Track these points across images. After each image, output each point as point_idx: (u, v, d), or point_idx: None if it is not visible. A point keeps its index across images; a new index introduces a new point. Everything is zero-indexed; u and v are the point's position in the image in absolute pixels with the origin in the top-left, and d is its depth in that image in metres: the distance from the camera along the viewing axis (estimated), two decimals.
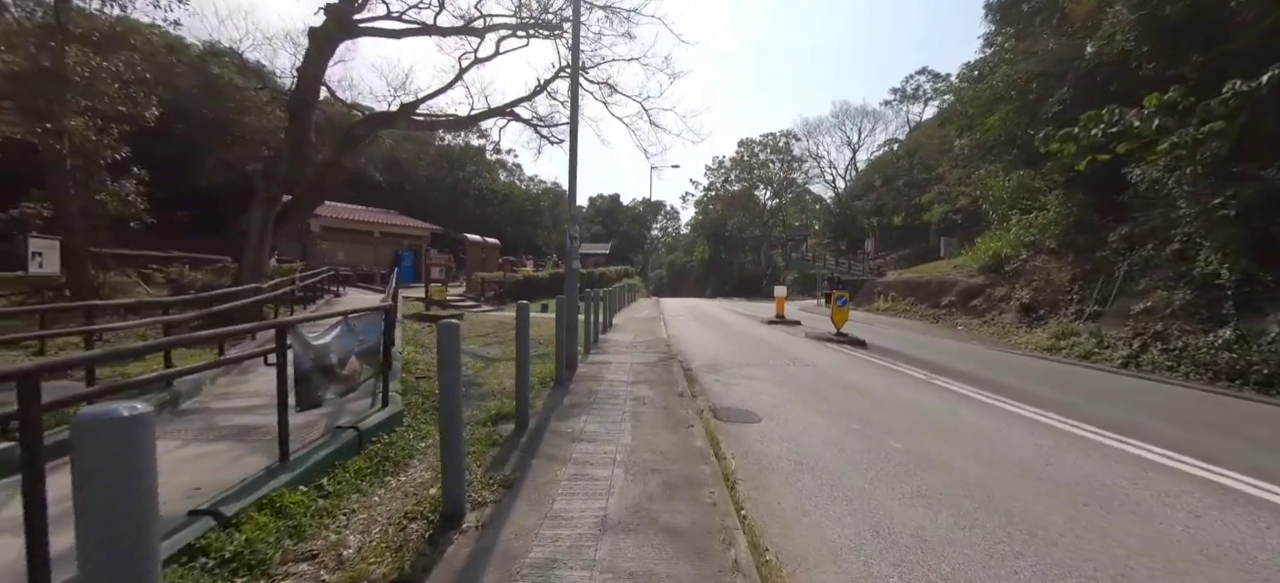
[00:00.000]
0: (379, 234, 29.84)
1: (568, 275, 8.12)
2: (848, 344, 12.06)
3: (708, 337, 13.70)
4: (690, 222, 70.63)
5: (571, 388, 6.77)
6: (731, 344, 12.21)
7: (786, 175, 56.44)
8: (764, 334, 14.38)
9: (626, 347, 10.81)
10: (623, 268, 42.12)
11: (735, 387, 7.53)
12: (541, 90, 17.31)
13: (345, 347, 3.94)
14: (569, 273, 8.09)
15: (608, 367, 8.40)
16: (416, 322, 14.69)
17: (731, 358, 10.15)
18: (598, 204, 74.70)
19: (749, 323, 17.76)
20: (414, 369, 7.83)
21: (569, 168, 8.08)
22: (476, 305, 21.23)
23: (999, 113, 17.50)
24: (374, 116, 14.81)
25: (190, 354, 7.06)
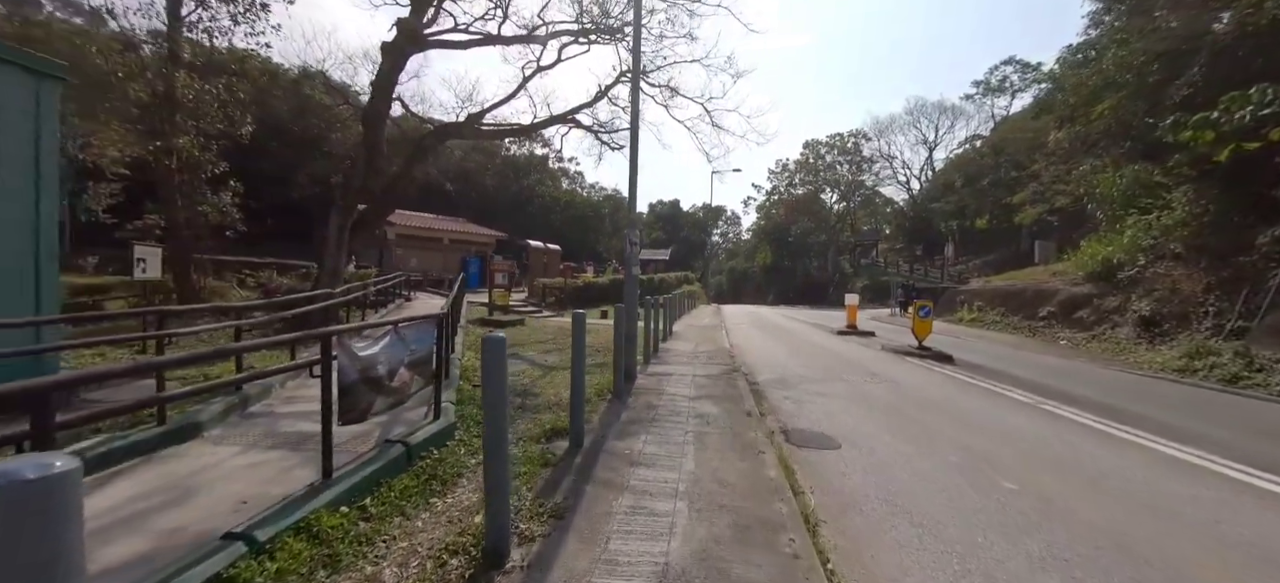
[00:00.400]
0: (448, 241, 31.09)
1: (627, 282, 7.78)
2: (932, 359, 10.95)
3: (773, 347, 12.95)
4: (751, 227, 69.02)
5: (630, 402, 6.39)
6: (800, 356, 11.42)
7: (855, 177, 53.88)
8: (835, 346, 13.42)
9: (687, 357, 10.33)
10: (682, 274, 41.59)
11: (808, 405, 6.87)
12: (602, 96, 17.23)
13: (395, 357, 3.77)
14: (629, 279, 7.75)
15: (668, 379, 7.97)
16: (480, 327, 14.93)
17: (801, 372, 9.42)
18: (657, 210, 74.64)
19: (817, 333, 16.73)
20: (472, 377, 7.74)
21: (629, 171, 7.76)
22: (537, 311, 21.47)
23: (1108, 100, 15.54)
24: (443, 127, 15.25)
25: (268, 357, 7.32)
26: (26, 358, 4.92)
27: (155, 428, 4.28)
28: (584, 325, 4.93)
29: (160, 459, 4.04)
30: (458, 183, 41.02)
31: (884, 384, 8.35)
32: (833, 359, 11.02)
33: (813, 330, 17.52)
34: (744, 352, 11.92)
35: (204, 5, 13.34)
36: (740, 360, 10.41)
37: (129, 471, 3.80)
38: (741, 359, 10.61)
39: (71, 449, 3.82)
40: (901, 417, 6.34)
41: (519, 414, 5.90)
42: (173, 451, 4.20)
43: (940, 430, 5.77)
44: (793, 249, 57.25)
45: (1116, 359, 11.94)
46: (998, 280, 23.61)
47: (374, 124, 11.27)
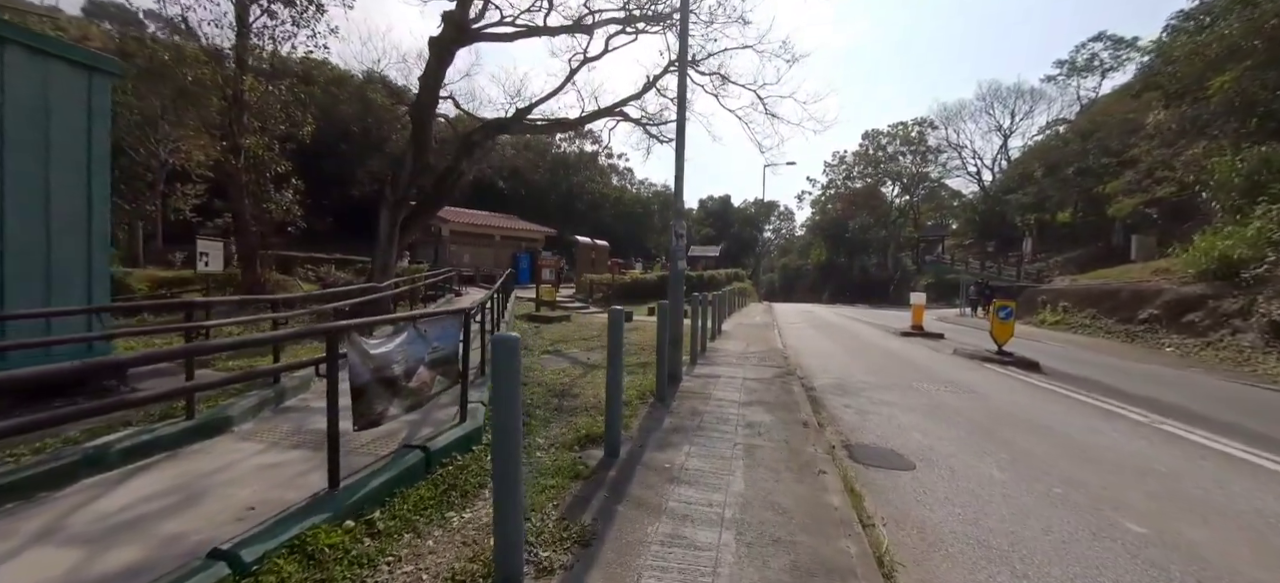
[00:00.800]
0: (500, 237, 31.64)
1: (672, 277, 7.28)
2: (1015, 366, 9.79)
3: (831, 349, 12.06)
4: (805, 222, 66.72)
5: (673, 407, 5.89)
6: (861, 360, 10.53)
7: (919, 169, 50.78)
8: (899, 348, 12.36)
9: (737, 358, 9.71)
10: (733, 271, 40.57)
11: (872, 416, 6.13)
12: (650, 87, 16.77)
13: (413, 356, 3.45)
14: (674, 274, 7.24)
15: (716, 382, 7.41)
16: (526, 323, 14.86)
17: (863, 377, 8.60)
18: (708, 206, 73.50)
19: (878, 334, 15.59)
20: None
21: (675, 157, 7.25)
22: (584, 307, 21.33)
23: (1230, 71, 13.53)
24: (490, 123, 15.25)
25: (302, 349, 7.34)
26: (79, 344, 5.03)
27: (184, 422, 4.19)
28: (622, 324, 4.48)
29: (185, 455, 3.93)
30: (509, 181, 41.79)
31: (961, 394, 7.43)
32: (898, 364, 10.07)
33: (874, 331, 16.36)
34: (799, 353, 11.14)
35: (270, 14, 13.87)
36: (795, 363, 9.68)
37: (151, 467, 3.69)
38: (796, 362, 9.87)
39: (102, 442, 3.77)
40: (986, 435, 5.51)
41: (554, 417, 5.54)
42: (200, 446, 4.10)
43: (1036, 454, 4.93)
44: (850, 245, 54.74)
45: (1240, 371, 10.31)
46: (1086, 279, 21.35)
47: (422, 120, 11.31)
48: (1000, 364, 9.97)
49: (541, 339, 11.65)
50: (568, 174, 46.35)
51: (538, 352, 9.73)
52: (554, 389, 6.65)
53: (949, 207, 56.79)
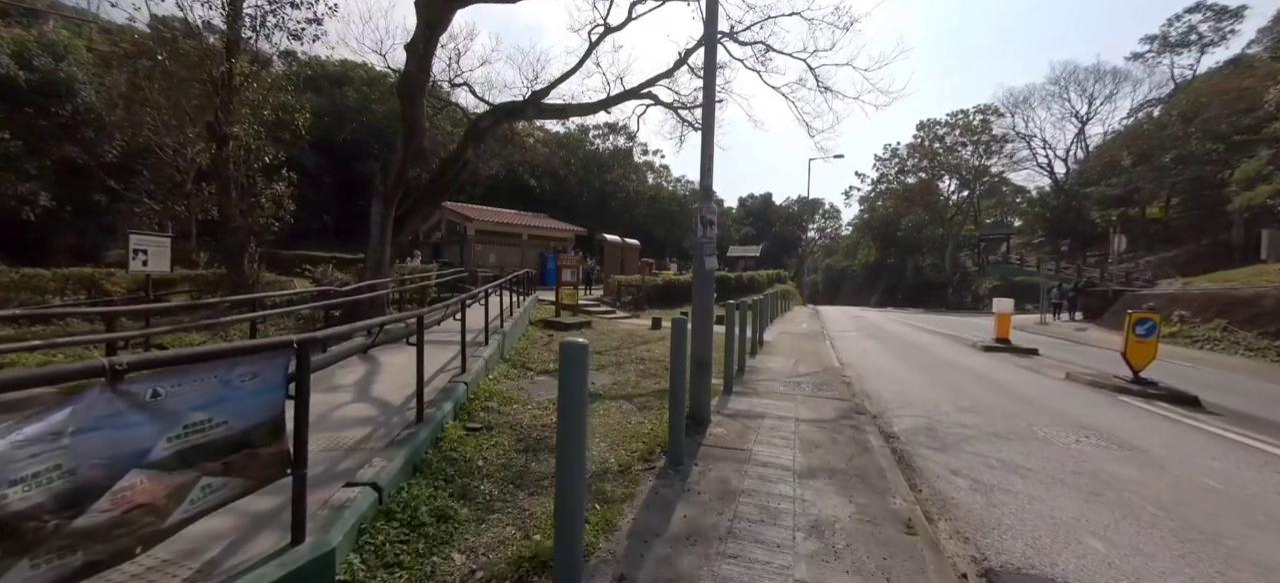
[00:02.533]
0: (527, 236, 30.29)
1: (698, 276, 5.32)
2: (1165, 401, 7.29)
3: (900, 369, 9.76)
4: (853, 220, 62.93)
5: (693, 479, 3.92)
6: (943, 385, 8.22)
7: (981, 162, 46.53)
8: (988, 369, 9.91)
9: (784, 382, 7.62)
10: (774, 272, 37.98)
11: (1003, 498, 3.98)
12: (682, 64, 14.82)
13: (103, 451, 1.62)
14: (700, 273, 5.28)
15: (757, 426, 5.39)
16: (542, 329, 13.20)
17: (958, 417, 6.36)
18: (748, 205, 70.61)
19: (951, 347, 13.06)
20: (487, 408, 5.69)
21: (704, 113, 5.32)
22: (612, 311, 19.52)
23: None
24: (501, 106, 13.66)
25: None
26: None
27: None
28: (578, 381, 2.55)
29: None
30: (541, 179, 40.61)
31: (1118, 453, 5.13)
32: (997, 393, 7.72)
33: (944, 344, 13.81)
34: (861, 375, 8.92)
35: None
36: (859, 390, 7.51)
37: None
38: (861, 388, 7.69)
39: None
40: (1210, 543, 3.29)
41: (503, 499, 3.65)
42: None
43: None
44: (901, 245, 50.94)
45: None
46: (1203, 282, 17.94)
47: (411, 96, 9.77)
48: (1142, 397, 7.47)
49: (549, 353, 9.88)
50: (601, 172, 44.77)
51: (536, 371, 7.93)
52: (527, 439, 4.79)
53: (1011, 203, 52.00)
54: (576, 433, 2.37)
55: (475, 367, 6.56)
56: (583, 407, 2.40)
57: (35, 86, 19.08)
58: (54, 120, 19.45)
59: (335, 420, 4.80)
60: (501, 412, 5.54)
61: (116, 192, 20.56)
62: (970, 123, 45.54)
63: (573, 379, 2.35)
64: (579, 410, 2.38)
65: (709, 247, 5.25)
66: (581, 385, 2.39)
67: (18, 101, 18.54)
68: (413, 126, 10.08)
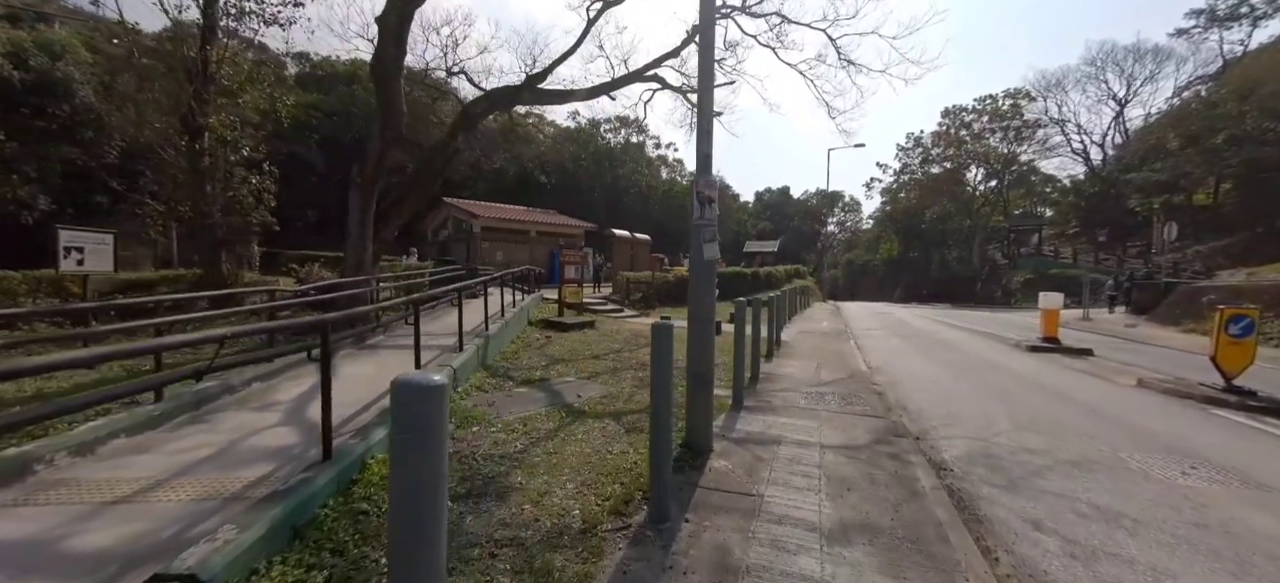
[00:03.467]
0: (536, 233, 29.45)
1: (695, 270, 4.26)
2: (1275, 416, 5.98)
3: (936, 374, 8.53)
4: (874, 213, 60.87)
5: (679, 547, 2.87)
6: (993, 394, 6.99)
7: (1011, 149, 44.29)
8: (1040, 373, 8.63)
9: (806, 393, 6.50)
10: (793, 267, 36.56)
11: (1115, 565, 2.85)
12: (690, 42, 13.72)
13: None
14: (697, 265, 4.22)
15: (771, 456, 4.30)
16: (540, 330, 12.26)
17: (1017, 435, 5.18)
18: (765, 199, 68.97)
19: (991, 347, 11.73)
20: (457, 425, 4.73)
21: (701, 58, 4.27)
22: (619, 310, 18.53)
23: None
24: (495, 92, 12.73)
25: None
26: None
27: None
28: (438, 424, 1.82)
29: None
30: (551, 175, 39.78)
31: (1249, 493, 3.93)
32: (1060, 405, 6.48)
33: (983, 343, 12.47)
34: (894, 381, 7.73)
35: None
36: (894, 402, 6.35)
37: None
38: (896, 400, 6.53)
39: None
40: None
41: None
42: None
43: None
44: (926, 238, 48.90)
45: None
46: (1272, 272, 16.21)
47: (385, 76, 8.86)
48: (1241, 410, 6.17)
49: (541, 357, 8.90)
50: (613, 166, 43.71)
51: (516, 381, 6.94)
52: (474, 477, 3.78)
53: (1041, 193, 49.47)
54: (426, 532, 1.34)
55: None
56: (436, 491, 1.36)
57: (30, 86, 18.75)
58: (52, 121, 19.12)
59: (238, 454, 3.86)
60: (454, 437, 4.54)
61: (118, 192, 20.22)
62: (999, 108, 43.34)
63: (418, 450, 1.32)
64: (431, 501, 1.34)
65: (708, 231, 4.18)
66: (436, 454, 1.35)
67: (13, 102, 18.20)
68: (390, 110, 9.17)
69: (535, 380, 6.99)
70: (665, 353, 3.08)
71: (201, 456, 3.84)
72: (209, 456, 3.84)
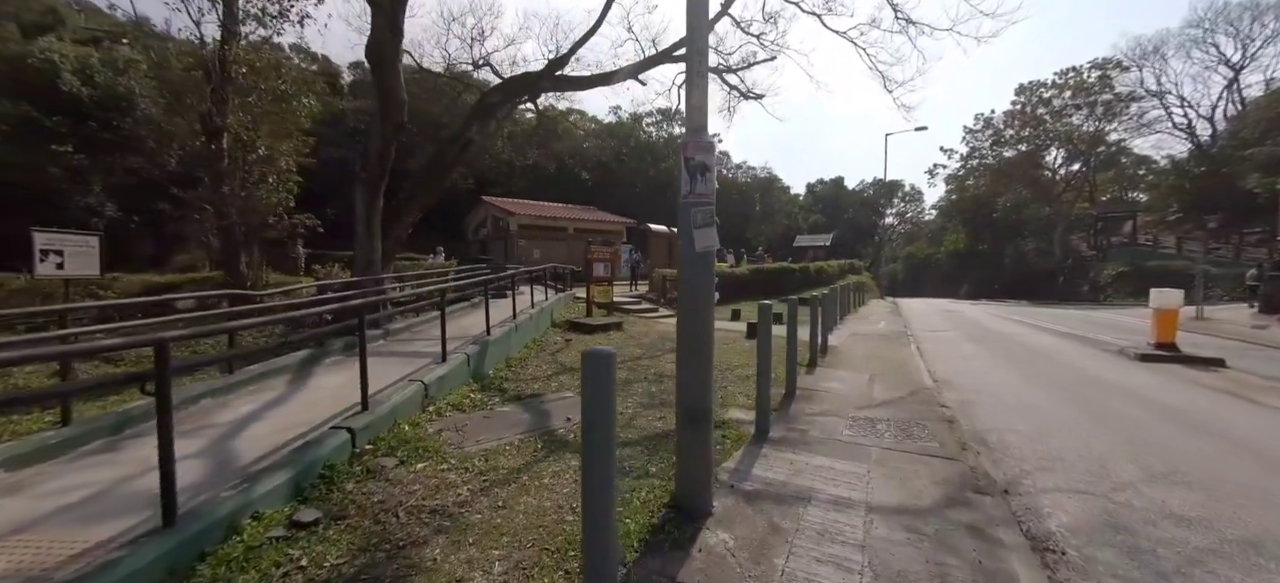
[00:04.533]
0: (573, 230, 28.85)
1: (687, 268, 3.11)
2: None
3: (1023, 391, 6.91)
4: (938, 203, 56.60)
5: None
6: (1105, 424, 5.40)
7: (1098, 127, 39.68)
8: (1161, 392, 6.83)
9: (851, 416, 5.20)
10: (847, 262, 34.26)
11: None
12: (723, 13, 12.42)
13: None
14: (691, 262, 3.08)
15: (795, 521, 3.12)
16: (563, 332, 11.45)
17: (1153, 491, 3.70)
18: (816, 191, 65.77)
19: (1087, 354, 9.79)
20: (371, 471, 3.83)
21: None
22: (654, 309, 17.45)
23: None
24: (514, 80, 11.98)
25: None
26: None
27: None
28: None
29: None
30: (592, 171, 39.16)
31: None
32: (1204, 441, 4.84)
33: (1078, 349, 10.49)
34: (967, 401, 6.24)
35: None
36: (968, 429, 4.94)
37: None
38: (969, 425, 5.10)
39: None
40: None
41: None
42: None
43: None
44: (998, 228, 44.73)
45: None
46: None
47: (381, 61, 8.19)
48: None
49: (551, 364, 8.00)
50: (655, 160, 42.57)
51: (506, 397, 6.01)
52: (386, 541, 2.82)
53: (1132, 176, 44.06)
54: None
55: (394, 400, 4.71)
56: None
57: (97, 101, 19.82)
58: (117, 133, 20.17)
59: (114, 500, 3.09)
60: (388, 479, 3.62)
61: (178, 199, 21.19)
62: (1084, 81, 38.86)
63: None
64: None
65: (702, 212, 3.03)
66: None
67: (82, 116, 19.28)
68: (389, 99, 8.50)
69: (528, 396, 6.04)
70: (602, 387, 1.99)
71: (68, 501, 3.10)
72: (76, 502, 3.10)
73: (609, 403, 2.00)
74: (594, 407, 1.99)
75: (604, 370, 1.96)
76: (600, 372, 1.95)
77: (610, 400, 2.01)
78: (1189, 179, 37.92)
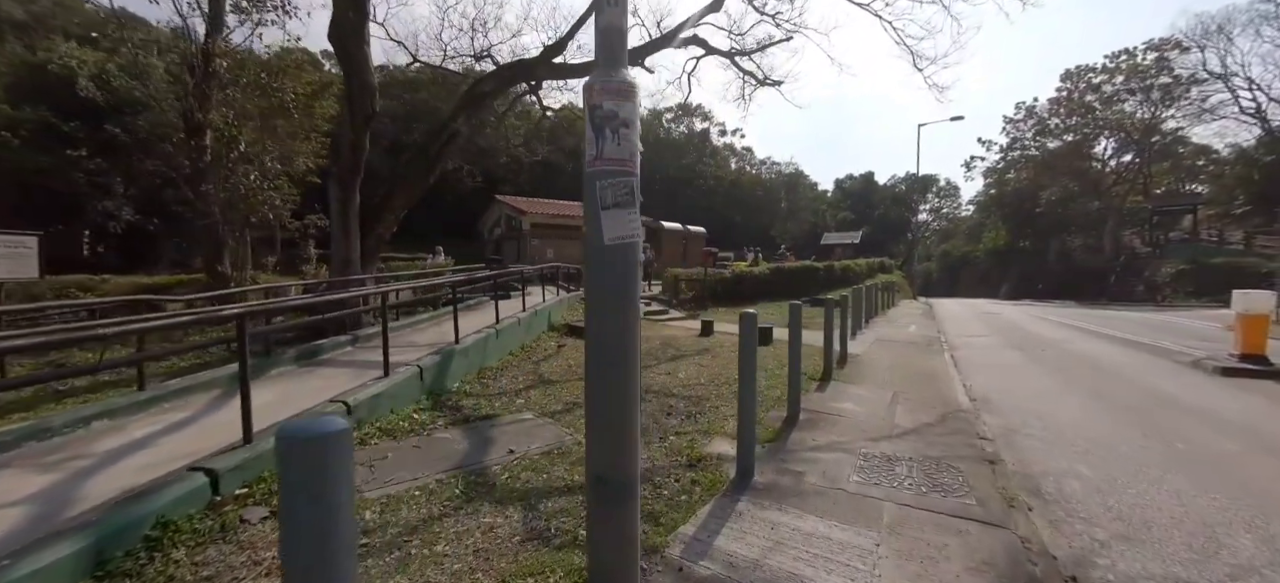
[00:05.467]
0: None
1: (593, 269, 2.15)
2: None
3: (1079, 414, 5.69)
4: (976, 198, 53.83)
5: None
6: (1193, 465, 4.20)
7: (1154, 114, 36.76)
8: (1259, 418, 5.52)
9: (864, 452, 4.16)
10: (876, 261, 32.53)
11: None
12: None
13: None
14: (598, 259, 2.12)
15: None
16: (557, 336, 10.66)
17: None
18: (845, 186, 63.55)
19: (1157, 368, 8.40)
20: (183, 539, 3.02)
21: None
22: (664, 311, 16.48)
23: None
24: (505, 67, 11.22)
25: None
26: None
27: None
28: None
29: None
30: None
31: None
32: None
33: (1144, 361, 9.06)
34: (1012, 430, 5.09)
35: None
36: (1014, 471, 3.84)
37: None
38: (1017, 465, 3.99)
39: None
40: None
41: None
42: None
43: None
44: (1041, 224, 42.08)
45: None
46: None
47: (344, 45, 7.49)
48: None
49: (528, 375, 7.18)
50: (675, 156, 41.56)
51: (453, 419, 5.17)
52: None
53: (1191, 167, 40.67)
54: None
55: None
56: None
57: (114, 106, 20.03)
58: (134, 136, 20.37)
59: None
60: (240, 541, 2.79)
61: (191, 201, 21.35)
62: (1139, 64, 36.01)
63: None
64: None
65: (615, 185, 2.08)
66: None
67: (98, 120, 19.48)
68: (357, 85, 7.80)
69: (479, 417, 5.19)
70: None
71: None
72: None
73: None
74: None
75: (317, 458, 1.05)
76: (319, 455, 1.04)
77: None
78: (1258, 168, 34.80)
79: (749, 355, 3.69)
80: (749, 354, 3.69)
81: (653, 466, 3.92)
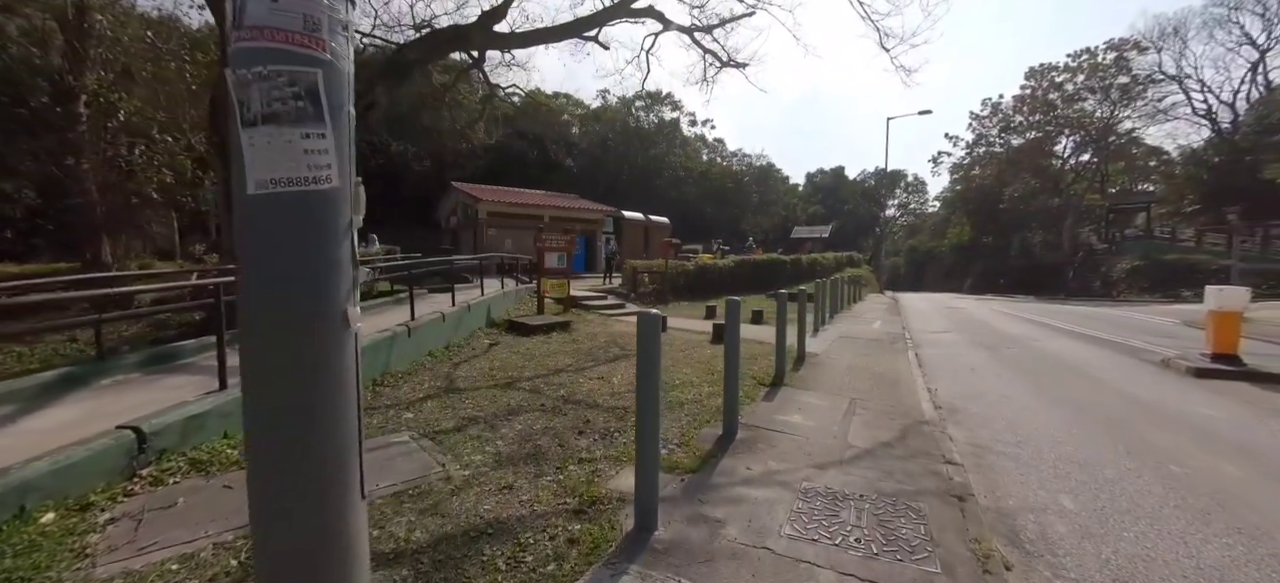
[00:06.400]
0: (549, 218, 26.87)
1: (244, 224, 1.20)
2: None
3: (1055, 425, 5.00)
4: (942, 194, 54.51)
5: None
6: (1184, 491, 3.51)
7: (1112, 113, 37.53)
8: (1244, 426, 4.93)
9: (806, 483, 3.32)
10: (845, 255, 32.30)
11: None
12: None
13: None
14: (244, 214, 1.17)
15: None
16: (500, 332, 9.70)
17: None
18: (817, 181, 63.71)
19: (1125, 366, 7.90)
20: None
21: None
22: (621, 305, 15.58)
23: None
24: (434, 34, 10.05)
25: None
26: None
27: None
28: None
29: None
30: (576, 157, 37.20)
31: None
32: None
33: (1113, 360, 8.57)
34: (982, 446, 4.35)
35: None
36: (987, 505, 3.04)
37: None
38: (989, 496, 3.20)
39: None
40: None
41: None
42: None
43: None
44: (1004, 220, 42.68)
45: None
46: None
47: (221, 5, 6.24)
48: None
49: (439, 380, 6.18)
50: (644, 146, 40.54)
51: None
52: None
53: (1143, 167, 41.78)
54: None
55: (54, 464, 2.86)
56: None
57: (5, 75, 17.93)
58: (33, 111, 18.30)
59: None
60: None
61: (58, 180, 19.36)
62: (1099, 62, 36.63)
63: None
64: None
65: (276, 82, 1.11)
66: None
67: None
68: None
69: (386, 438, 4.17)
70: None
71: None
72: None
73: None
74: None
75: None
76: None
77: None
78: (1207, 169, 35.85)
79: (650, 365, 2.79)
80: (650, 363, 2.79)
81: (529, 513, 2.99)
